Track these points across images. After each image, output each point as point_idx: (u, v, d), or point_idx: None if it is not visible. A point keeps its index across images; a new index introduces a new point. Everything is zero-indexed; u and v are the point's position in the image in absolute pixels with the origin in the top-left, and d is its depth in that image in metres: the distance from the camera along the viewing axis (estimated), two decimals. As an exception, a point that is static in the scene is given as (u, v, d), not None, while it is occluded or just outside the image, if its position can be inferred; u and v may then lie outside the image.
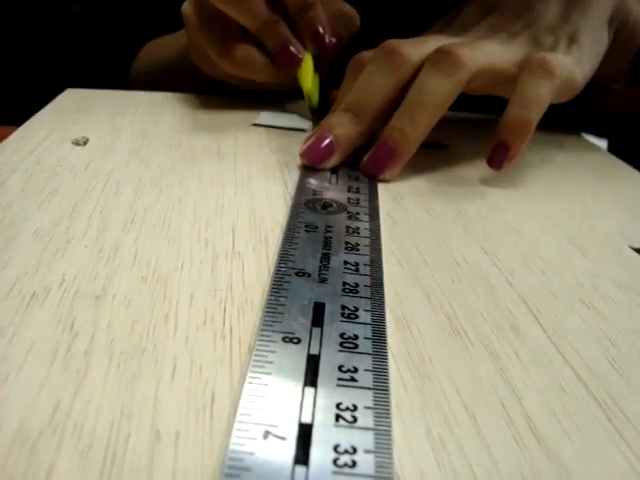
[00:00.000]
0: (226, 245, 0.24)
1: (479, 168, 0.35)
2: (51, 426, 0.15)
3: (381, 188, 0.31)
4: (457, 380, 0.18)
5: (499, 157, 0.32)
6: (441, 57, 0.32)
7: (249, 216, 0.27)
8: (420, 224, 0.28)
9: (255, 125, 0.40)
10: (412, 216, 0.28)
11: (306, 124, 0.41)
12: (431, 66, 0.32)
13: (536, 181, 0.34)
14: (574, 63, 0.34)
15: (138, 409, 0.16)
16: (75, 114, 0.39)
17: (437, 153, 0.35)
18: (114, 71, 0.58)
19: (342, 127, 0.33)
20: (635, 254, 0.27)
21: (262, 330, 0.18)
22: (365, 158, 0.33)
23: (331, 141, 0.33)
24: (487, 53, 0.33)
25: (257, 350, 0.17)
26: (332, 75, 0.41)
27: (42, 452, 0.14)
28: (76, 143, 0.34)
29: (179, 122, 0.40)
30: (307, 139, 0.34)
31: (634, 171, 0.38)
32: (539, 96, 0.32)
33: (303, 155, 0.33)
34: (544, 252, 0.26)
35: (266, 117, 0.41)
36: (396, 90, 0.33)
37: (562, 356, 0.19)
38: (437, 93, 0.31)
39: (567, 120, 0.45)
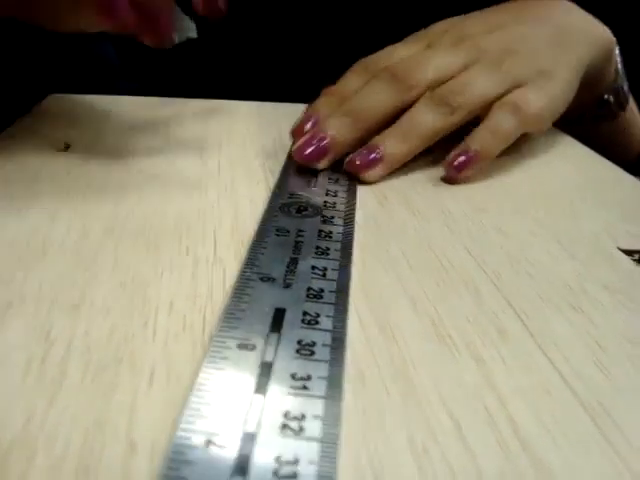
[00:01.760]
0: (207, 251, 0.24)
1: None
2: (23, 437, 0.14)
3: (364, 190, 0.31)
4: (441, 386, 0.17)
5: (458, 162, 0.33)
6: (442, 97, 0.33)
7: (231, 222, 0.26)
8: (404, 226, 0.27)
9: None
10: (396, 218, 0.28)
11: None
12: (430, 101, 0.33)
13: (522, 181, 0.34)
14: (546, 103, 0.36)
15: (114, 419, 0.15)
16: (58, 120, 0.39)
17: (421, 154, 0.34)
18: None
19: (339, 130, 0.33)
20: (623, 255, 0.26)
21: (216, 337, 0.18)
22: (351, 155, 0.33)
23: (327, 142, 0.32)
24: (479, 91, 0.34)
25: (209, 357, 0.17)
26: (324, 75, 0.40)
27: (14, 464, 0.14)
28: (58, 149, 0.34)
29: (162, 127, 0.39)
30: (298, 128, 0.34)
31: (618, 169, 0.38)
32: (506, 129, 0.34)
33: (296, 153, 0.32)
34: (531, 254, 0.26)
35: None
36: (397, 110, 0.34)
37: (549, 360, 0.19)
38: (430, 128, 0.33)
39: None
